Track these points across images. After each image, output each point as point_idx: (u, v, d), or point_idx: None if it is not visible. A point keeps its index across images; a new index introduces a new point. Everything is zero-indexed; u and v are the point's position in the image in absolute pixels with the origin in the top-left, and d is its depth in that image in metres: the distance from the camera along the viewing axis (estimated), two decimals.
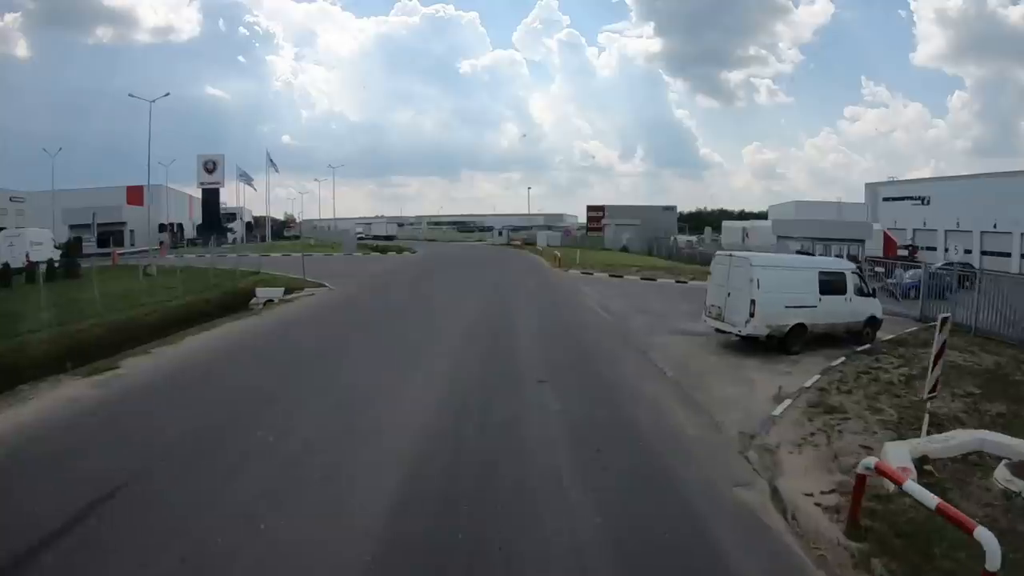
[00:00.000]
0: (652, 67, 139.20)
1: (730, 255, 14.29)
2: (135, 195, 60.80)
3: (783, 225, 33.08)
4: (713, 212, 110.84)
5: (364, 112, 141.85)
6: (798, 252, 28.03)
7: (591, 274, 29.76)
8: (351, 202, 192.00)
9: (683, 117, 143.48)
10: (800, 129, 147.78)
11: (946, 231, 49.04)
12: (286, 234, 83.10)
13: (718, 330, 14.18)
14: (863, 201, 71.59)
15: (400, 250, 50.80)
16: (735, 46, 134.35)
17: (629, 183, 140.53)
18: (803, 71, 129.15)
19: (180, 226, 61.57)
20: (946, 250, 40.71)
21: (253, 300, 24.27)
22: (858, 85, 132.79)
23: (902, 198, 65.81)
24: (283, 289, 25.00)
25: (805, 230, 31.08)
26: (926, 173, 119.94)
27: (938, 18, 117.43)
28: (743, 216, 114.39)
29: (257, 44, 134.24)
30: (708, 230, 58.22)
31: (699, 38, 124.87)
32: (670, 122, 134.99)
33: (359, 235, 70.44)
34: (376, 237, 71.00)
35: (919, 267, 19.72)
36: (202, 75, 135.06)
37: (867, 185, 72.59)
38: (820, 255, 27.51)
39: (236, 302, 23.94)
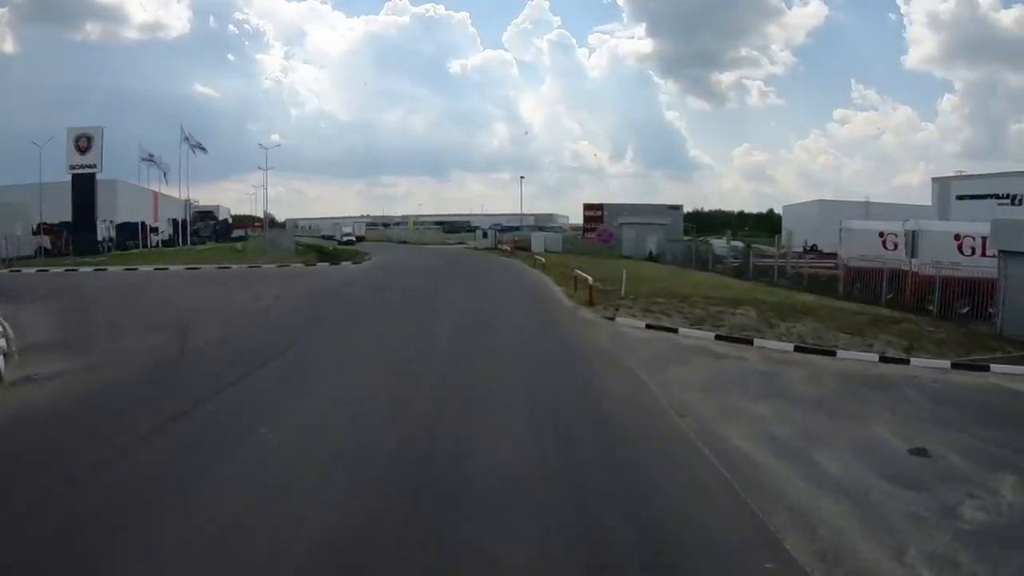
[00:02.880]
0: (643, 68, 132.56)
1: None
2: None
3: (1011, 232, 16.55)
4: (712, 212, 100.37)
5: (354, 111, 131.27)
6: None
7: (673, 330, 12.91)
8: (344, 201, 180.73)
9: (674, 119, 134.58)
10: (790, 131, 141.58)
11: None
12: (236, 234, 67.16)
13: None
14: (929, 202, 57.03)
15: (338, 258, 34.04)
16: (727, 47, 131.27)
17: (618, 184, 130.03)
18: (795, 73, 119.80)
19: (66, 225, 44.33)
20: None
21: None
22: (848, 88, 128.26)
23: (984, 196, 51.58)
24: None
25: None
26: (916, 176, 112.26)
27: (930, 21, 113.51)
28: (742, 217, 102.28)
29: (247, 42, 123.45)
30: (787, 233, 40.86)
31: (691, 39, 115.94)
32: (661, 123, 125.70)
33: (347, 235, 59.14)
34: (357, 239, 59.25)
35: None
36: (191, 73, 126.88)
37: (935, 180, 56.92)
38: None
39: None
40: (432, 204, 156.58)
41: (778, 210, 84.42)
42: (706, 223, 76.72)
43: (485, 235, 57.41)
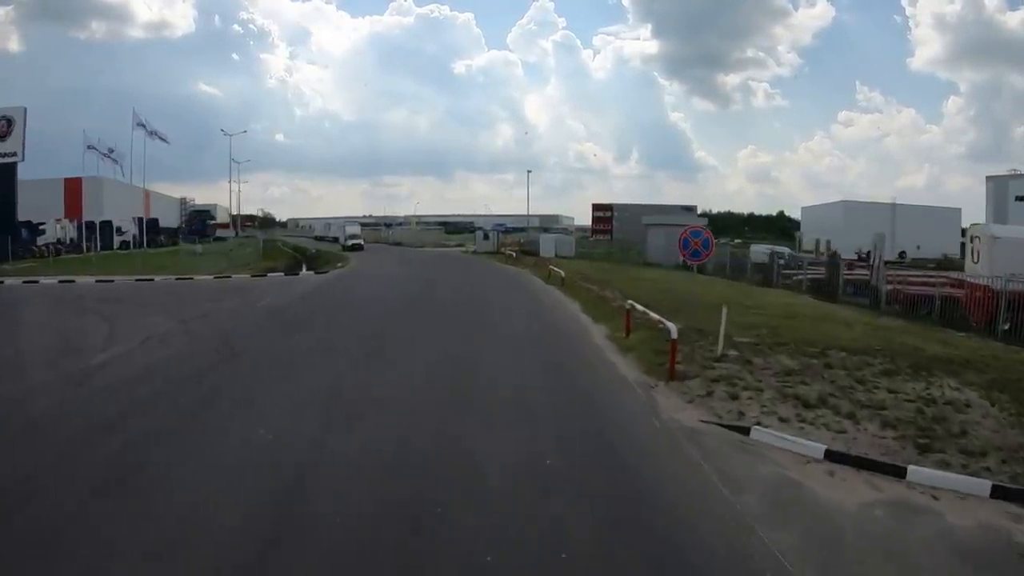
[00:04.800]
0: (648, 69, 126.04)
1: None
2: (74, 189, 44.43)
3: None
4: (722, 214, 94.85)
5: (358, 111, 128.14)
6: None
7: (894, 472, 5.06)
8: (348, 201, 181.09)
9: (678, 120, 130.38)
10: (795, 133, 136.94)
11: None
12: (222, 235, 61.78)
13: None
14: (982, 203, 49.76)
15: (310, 264, 27.06)
16: (733, 49, 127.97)
17: (623, 185, 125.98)
18: (800, 74, 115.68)
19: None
20: None
21: None
22: (853, 90, 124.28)
23: None
24: None
25: None
26: (921, 179, 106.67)
27: (936, 23, 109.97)
28: (750, 219, 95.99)
29: (251, 42, 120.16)
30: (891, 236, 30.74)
31: (696, 40, 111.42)
32: (665, 124, 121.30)
33: (352, 236, 52.09)
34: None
35: None
36: (196, 72, 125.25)
37: (989, 179, 49.67)
38: None
39: None
40: (436, 204, 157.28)
41: (788, 212, 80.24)
42: (716, 225, 70.99)
43: (486, 236, 49.78)
